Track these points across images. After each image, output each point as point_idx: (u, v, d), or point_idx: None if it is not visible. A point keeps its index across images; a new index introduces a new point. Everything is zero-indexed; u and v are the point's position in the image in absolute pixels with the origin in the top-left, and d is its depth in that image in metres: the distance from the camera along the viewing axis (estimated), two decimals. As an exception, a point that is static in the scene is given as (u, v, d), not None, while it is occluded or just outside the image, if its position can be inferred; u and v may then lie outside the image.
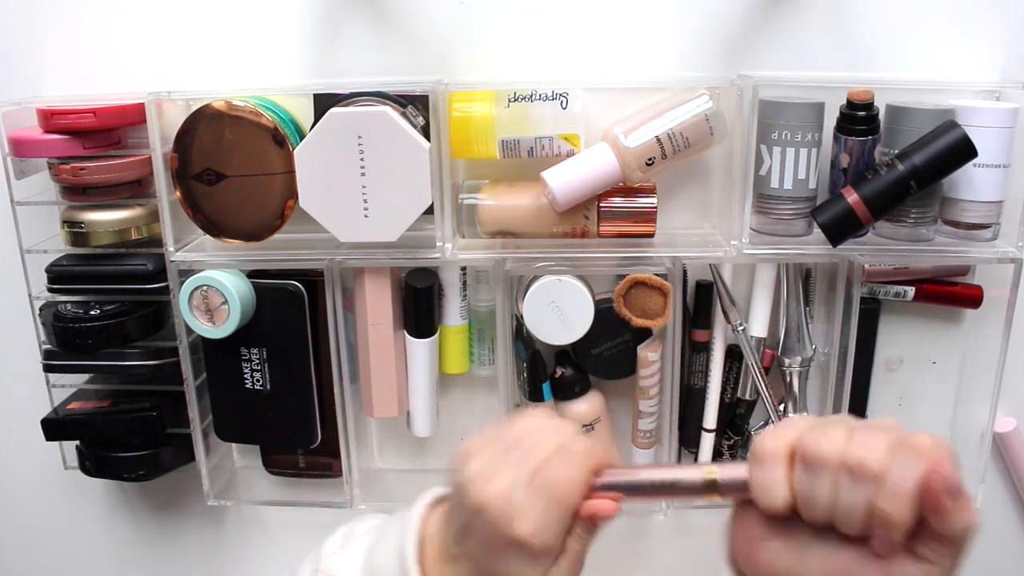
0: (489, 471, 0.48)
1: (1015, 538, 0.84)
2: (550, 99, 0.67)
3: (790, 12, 0.70)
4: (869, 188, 0.65)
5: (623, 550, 0.86)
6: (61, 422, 0.77)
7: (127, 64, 0.74)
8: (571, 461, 0.48)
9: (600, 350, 0.74)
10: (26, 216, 0.75)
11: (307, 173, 0.67)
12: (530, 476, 0.47)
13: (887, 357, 0.78)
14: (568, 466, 0.47)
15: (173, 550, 0.89)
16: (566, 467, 0.47)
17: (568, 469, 0.47)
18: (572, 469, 0.47)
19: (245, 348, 0.75)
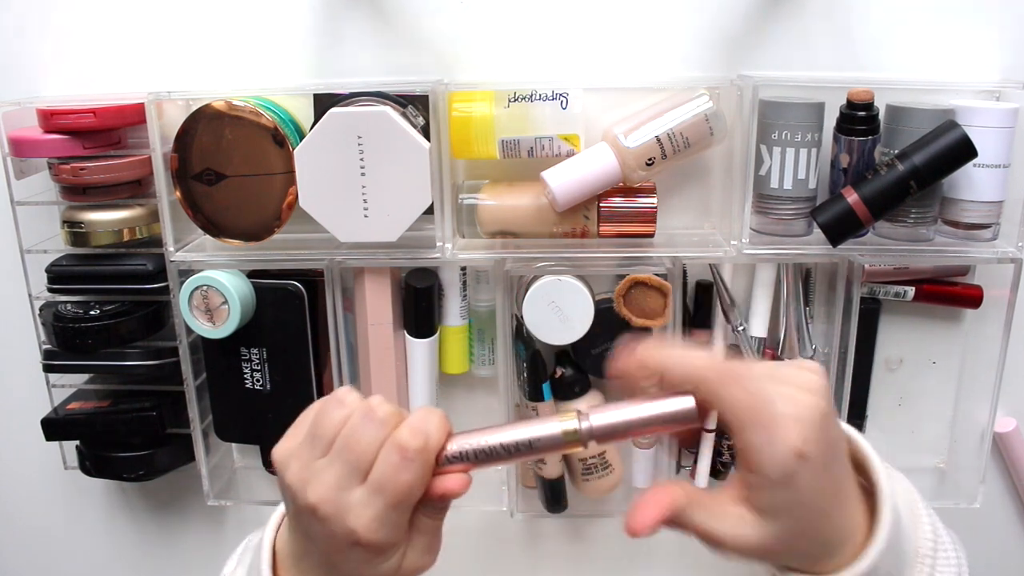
0: (308, 475, 0.46)
1: (1015, 538, 0.84)
2: (550, 99, 0.67)
3: (790, 12, 0.70)
4: (869, 188, 0.65)
5: (623, 550, 0.86)
6: (61, 422, 0.77)
7: (127, 64, 0.74)
8: (404, 457, 0.44)
9: (600, 350, 0.74)
10: (26, 216, 0.75)
11: (307, 173, 0.67)
12: (358, 475, 0.45)
13: (887, 357, 0.78)
14: (402, 465, 0.44)
15: (173, 550, 0.89)
16: (399, 466, 0.44)
17: (403, 470, 0.44)
18: (407, 470, 0.45)
19: (245, 348, 0.75)
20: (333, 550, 0.46)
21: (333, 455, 0.46)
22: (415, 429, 0.45)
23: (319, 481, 0.45)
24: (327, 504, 0.45)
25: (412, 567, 0.48)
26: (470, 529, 0.85)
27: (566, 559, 0.86)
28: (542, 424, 0.46)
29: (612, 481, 0.77)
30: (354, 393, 0.48)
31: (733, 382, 0.43)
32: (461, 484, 0.47)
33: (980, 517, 0.79)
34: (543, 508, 0.79)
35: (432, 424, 0.46)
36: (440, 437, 0.46)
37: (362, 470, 0.45)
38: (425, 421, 0.46)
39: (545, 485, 0.77)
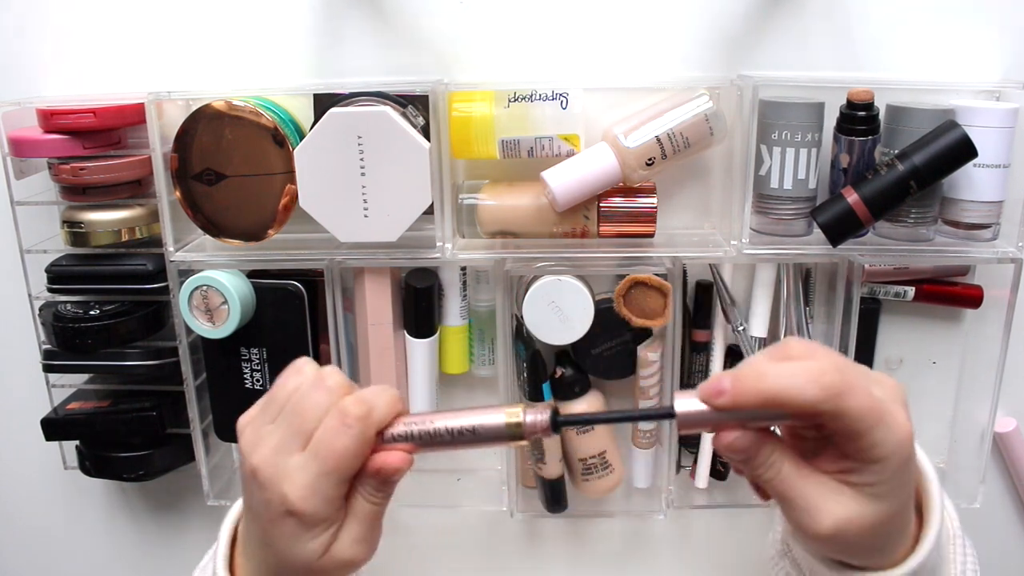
0: (256, 439, 0.46)
1: (1015, 538, 0.84)
2: (550, 99, 0.67)
3: (790, 12, 0.70)
4: (869, 188, 0.65)
5: (623, 550, 0.86)
6: (61, 422, 0.77)
7: (127, 64, 0.74)
8: (343, 423, 0.44)
9: (600, 350, 0.74)
10: (26, 216, 0.75)
11: (307, 173, 0.67)
12: (300, 440, 0.45)
13: (887, 357, 0.78)
14: (340, 430, 0.44)
15: (173, 550, 0.89)
16: (337, 431, 0.44)
17: (340, 434, 0.44)
18: (345, 435, 0.44)
19: (245, 348, 0.75)
20: (268, 521, 0.46)
21: (280, 419, 0.46)
22: (360, 399, 0.45)
23: (263, 444, 0.46)
24: (267, 467, 0.45)
25: (343, 554, 0.47)
26: (470, 529, 0.85)
27: (566, 559, 0.86)
28: (489, 413, 0.46)
29: (612, 481, 0.77)
30: (312, 364, 0.49)
31: (850, 394, 0.42)
32: (398, 461, 0.46)
33: (980, 517, 0.79)
34: (543, 508, 0.79)
35: (380, 399, 0.46)
36: (386, 413, 0.46)
37: (304, 435, 0.45)
38: (373, 395, 0.46)
39: (545, 485, 0.77)
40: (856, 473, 0.43)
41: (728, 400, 0.43)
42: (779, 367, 0.43)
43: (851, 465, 0.43)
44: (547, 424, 0.45)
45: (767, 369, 0.43)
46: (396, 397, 0.47)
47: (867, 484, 0.43)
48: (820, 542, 0.45)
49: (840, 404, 0.42)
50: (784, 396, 0.42)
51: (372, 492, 0.47)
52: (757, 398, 0.42)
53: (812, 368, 0.42)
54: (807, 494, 0.44)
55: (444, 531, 0.85)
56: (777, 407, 0.42)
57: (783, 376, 0.42)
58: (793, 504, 0.44)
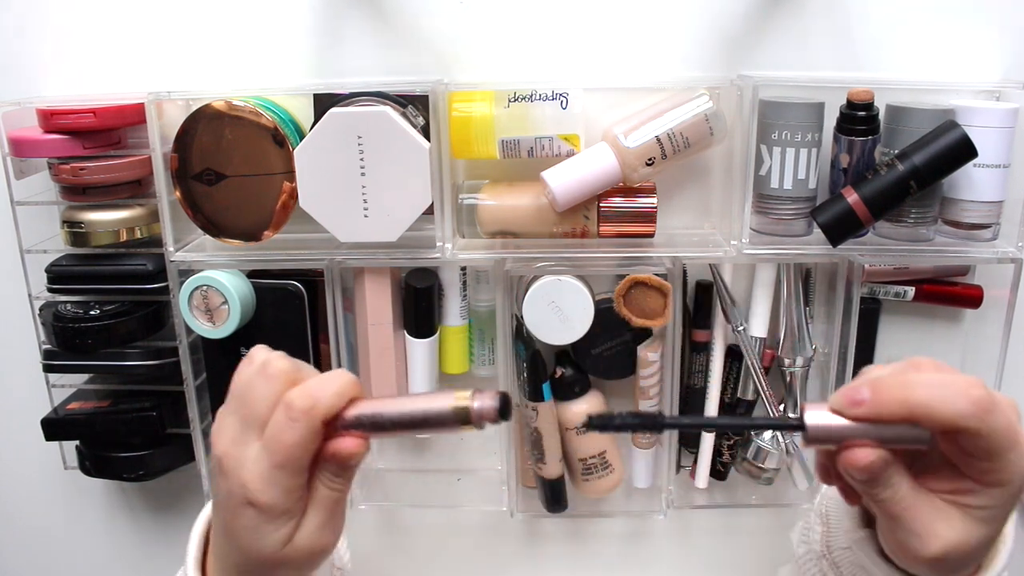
0: (219, 427, 0.47)
1: (1015, 538, 0.84)
2: (550, 99, 0.67)
3: (790, 12, 0.70)
4: (869, 188, 0.65)
5: (623, 550, 0.86)
6: (61, 422, 0.77)
7: (127, 64, 0.74)
8: (288, 416, 0.44)
9: (600, 350, 0.74)
10: (26, 216, 0.75)
11: (307, 173, 0.67)
12: (254, 430, 0.45)
13: (887, 357, 0.78)
14: (286, 424, 0.44)
15: (173, 550, 0.89)
16: (284, 425, 0.44)
17: (286, 428, 0.44)
18: (291, 428, 0.44)
19: (245, 348, 0.75)
20: (230, 511, 0.46)
21: (235, 409, 0.47)
22: (305, 391, 0.45)
23: (224, 434, 0.46)
24: (227, 457, 0.45)
25: (306, 543, 0.46)
26: (470, 529, 0.85)
27: (566, 559, 0.86)
28: (437, 398, 0.45)
29: (612, 481, 0.77)
30: (263, 352, 0.48)
31: (996, 412, 0.41)
32: (353, 446, 0.45)
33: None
34: (543, 508, 0.79)
35: (327, 388, 0.45)
36: (333, 402, 0.45)
37: (257, 425, 0.45)
38: (320, 385, 0.45)
39: (545, 485, 0.77)
40: (972, 495, 0.42)
41: (868, 410, 0.41)
42: (925, 377, 0.41)
43: (969, 487, 0.42)
44: (494, 411, 0.44)
45: (912, 379, 0.41)
46: (348, 383, 0.46)
47: (981, 507, 0.42)
48: (921, 565, 0.43)
49: (986, 422, 0.40)
50: (931, 408, 0.40)
51: (331, 478, 0.47)
52: (901, 409, 0.41)
53: (960, 381, 0.41)
54: (920, 516, 0.42)
55: (444, 531, 0.85)
56: (922, 419, 0.40)
57: (932, 386, 0.40)
58: (903, 525, 0.43)
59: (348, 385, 0.46)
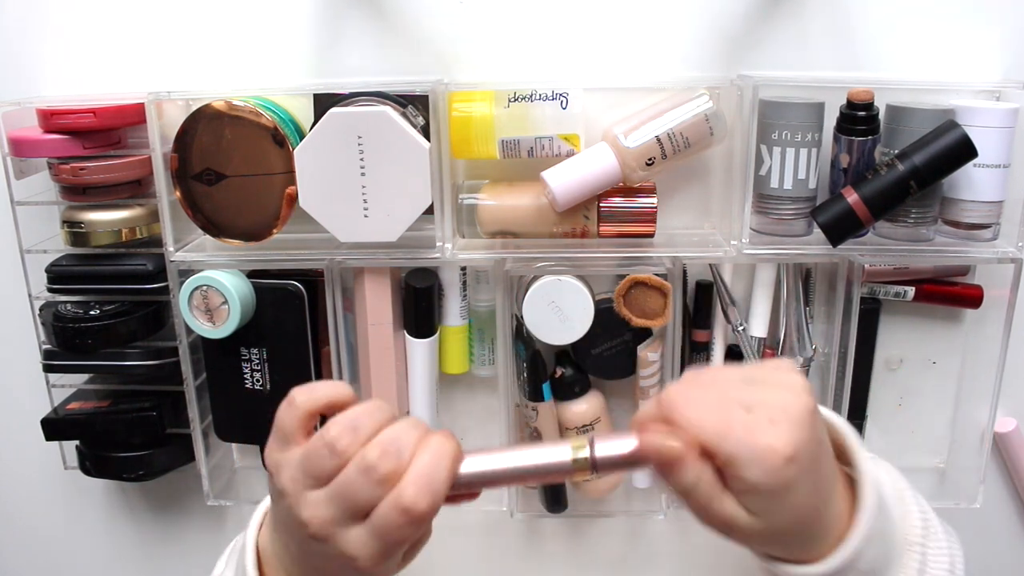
0: (300, 498, 0.44)
1: (1015, 538, 0.84)
2: (550, 99, 0.67)
3: (790, 12, 0.70)
4: (869, 188, 0.65)
5: (623, 550, 0.86)
6: (61, 422, 0.77)
7: (127, 64, 0.74)
8: (408, 519, 0.42)
9: (600, 350, 0.74)
10: (26, 216, 0.75)
11: (307, 173, 0.67)
12: (356, 517, 0.43)
13: (887, 357, 0.78)
14: (405, 526, 0.43)
15: (173, 550, 0.89)
16: (402, 527, 0.43)
17: (404, 528, 0.43)
18: (409, 528, 0.43)
19: (245, 348, 0.75)
20: (327, 565, 0.46)
21: (330, 497, 0.44)
22: (421, 489, 0.43)
23: (315, 511, 0.44)
24: (323, 531, 0.44)
25: (404, 564, 0.48)
26: (470, 529, 0.85)
27: (566, 559, 0.86)
28: (552, 450, 0.45)
29: (612, 481, 0.77)
30: (344, 433, 0.44)
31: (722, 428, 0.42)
32: (469, 501, 0.47)
33: (980, 517, 0.79)
34: (543, 508, 0.79)
35: (439, 478, 0.43)
36: (448, 484, 0.44)
37: (360, 515, 0.44)
38: (432, 476, 0.43)
39: (545, 485, 0.77)
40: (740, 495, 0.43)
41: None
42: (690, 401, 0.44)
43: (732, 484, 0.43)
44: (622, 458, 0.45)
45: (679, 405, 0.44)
46: (453, 458, 0.44)
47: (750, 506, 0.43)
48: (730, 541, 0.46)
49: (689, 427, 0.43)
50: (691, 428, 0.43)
51: None
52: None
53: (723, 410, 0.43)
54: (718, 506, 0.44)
55: (444, 531, 0.85)
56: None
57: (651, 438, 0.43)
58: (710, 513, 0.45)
59: (457, 458, 0.44)
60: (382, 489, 0.43)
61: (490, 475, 0.45)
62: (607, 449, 0.44)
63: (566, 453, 0.44)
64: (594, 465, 0.44)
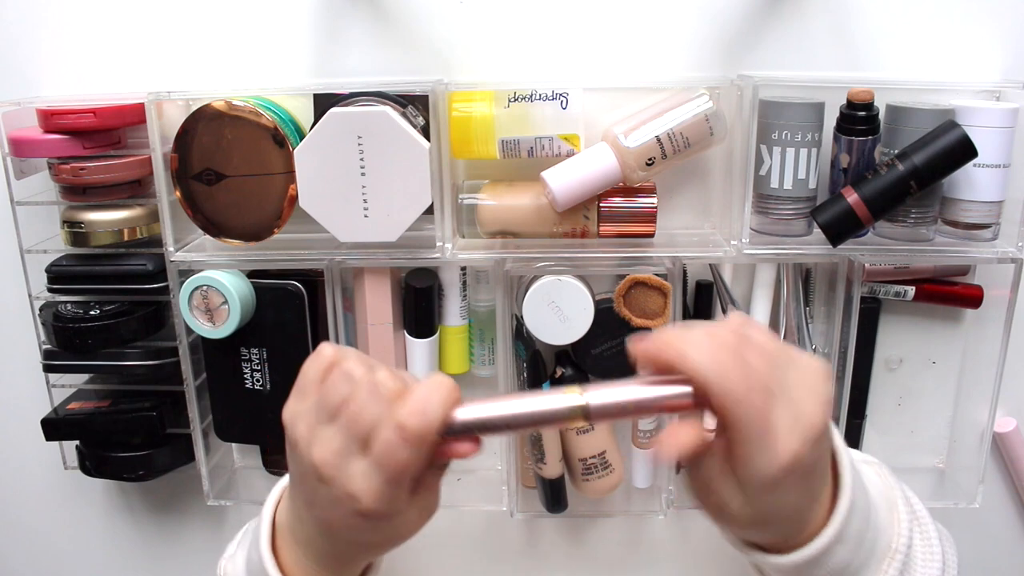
0: (311, 436, 0.46)
1: (1015, 538, 0.84)
2: (550, 99, 0.67)
3: (790, 12, 0.70)
4: (869, 188, 0.65)
5: (623, 550, 0.86)
6: (61, 422, 0.77)
7: (127, 64, 0.74)
8: (403, 438, 0.44)
9: (600, 350, 0.74)
10: (26, 216, 0.75)
11: (307, 173, 0.67)
12: (361, 445, 0.45)
13: (887, 357, 0.78)
14: (401, 445, 0.44)
15: (173, 550, 0.89)
16: (399, 446, 0.44)
17: (402, 449, 0.44)
18: (406, 450, 0.44)
19: (245, 348, 0.75)
20: (334, 514, 0.47)
21: (339, 426, 0.46)
22: (414, 410, 0.44)
23: (322, 444, 0.46)
24: (329, 468, 0.45)
25: (409, 528, 0.48)
26: (470, 529, 0.85)
27: (566, 559, 0.86)
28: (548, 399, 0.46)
29: (612, 481, 0.77)
30: (360, 366, 0.47)
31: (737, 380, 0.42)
32: (470, 450, 0.46)
33: (980, 517, 0.79)
34: (543, 508, 0.79)
35: (434, 403, 0.45)
36: (442, 414, 0.45)
37: (365, 441, 0.45)
38: (427, 400, 0.45)
39: (545, 485, 0.77)
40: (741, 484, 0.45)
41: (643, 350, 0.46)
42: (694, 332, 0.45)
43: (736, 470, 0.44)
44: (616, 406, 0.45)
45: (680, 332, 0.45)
46: (450, 391, 0.46)
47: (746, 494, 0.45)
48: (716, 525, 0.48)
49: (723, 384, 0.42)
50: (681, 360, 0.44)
51: (436, 472, 0.48)
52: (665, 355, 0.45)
53: (718, 342, 0.44)
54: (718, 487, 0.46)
55: (444, 531, 0.85)
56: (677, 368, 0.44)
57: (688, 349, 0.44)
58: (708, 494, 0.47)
59: (453, 394, 0.46)
60: (386, 409, 0.45)
61: (487, 420, 0.46)
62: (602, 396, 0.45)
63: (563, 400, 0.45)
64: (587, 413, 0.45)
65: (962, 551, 0.53)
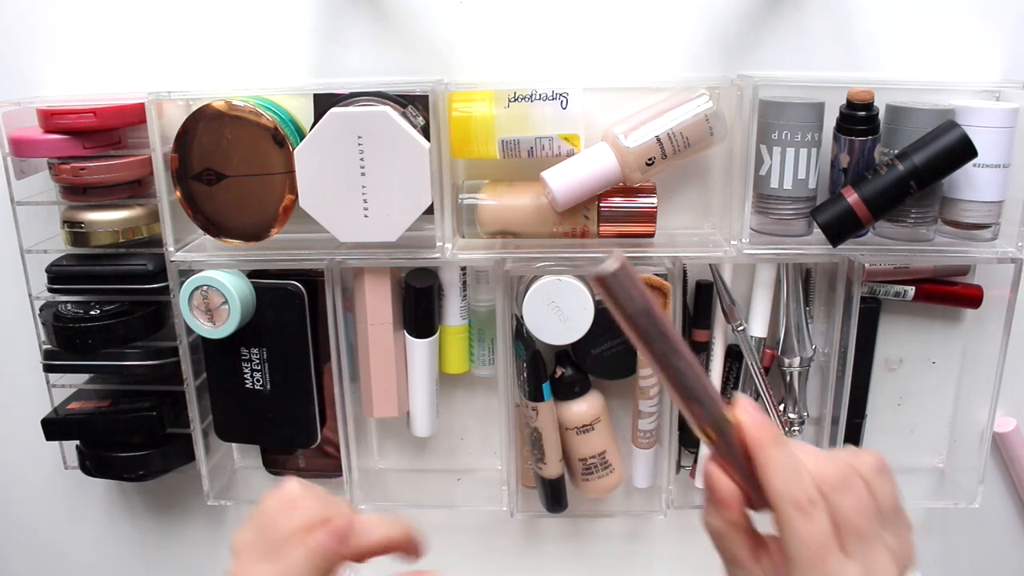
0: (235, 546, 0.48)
1: (1015, 538, 0.84)
2: (550, 99, 0.67)
3: (790, 12, 0.70)
4: (869, 188, 0.65)
5: (623, 550, 0.86)
6: (61, 422, 0.77)
7: (127, 64, 0.74)
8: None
9: (600, 350, 0.74)
10: (26, 216, 0.75)
11: (307, 173, 0.67)
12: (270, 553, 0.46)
13: (887, 357, 0.78)
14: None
15: (173, 550, 0.89)
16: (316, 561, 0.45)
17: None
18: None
19: (245, 348, 0.75)
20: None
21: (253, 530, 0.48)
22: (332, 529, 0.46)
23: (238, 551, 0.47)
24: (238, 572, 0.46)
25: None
26: (470, 529, 0.85)
27: (566, 559, 0.86)
28: None
29: (612, 481, 0.77)
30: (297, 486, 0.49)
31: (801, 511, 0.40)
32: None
33: (980, 517, 0.80)
34: (543, 508, 0.79)
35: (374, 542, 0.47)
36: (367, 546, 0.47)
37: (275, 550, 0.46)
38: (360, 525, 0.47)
39: (545, 485, 0.77)
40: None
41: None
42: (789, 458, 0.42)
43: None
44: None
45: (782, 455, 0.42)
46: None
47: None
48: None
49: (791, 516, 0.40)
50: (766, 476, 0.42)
51: None
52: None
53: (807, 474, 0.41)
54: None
55: (444, 531, 0.85)
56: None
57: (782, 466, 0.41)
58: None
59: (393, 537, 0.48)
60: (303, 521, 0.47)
61: None
62: None
63: None
64: None
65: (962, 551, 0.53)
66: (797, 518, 0.40)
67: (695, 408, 0.42)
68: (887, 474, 0.43)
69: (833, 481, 0.41)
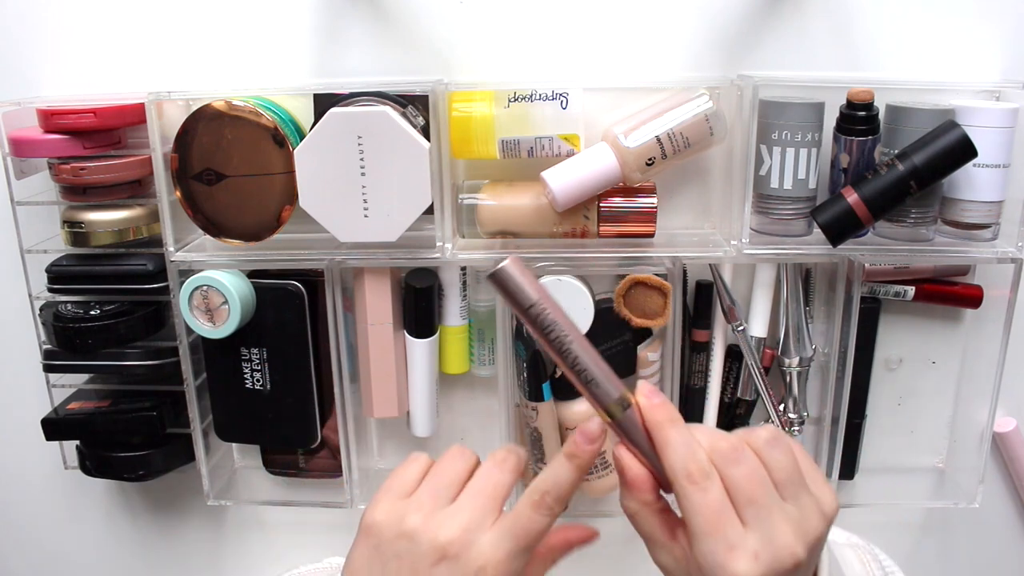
0: (434, 521, 0.48)
1: (1015, 538, 0.84)
2: (550, 99, 0.67)
3: (790, 12, 0.70)
4: (869, 188, 0.65)
5: (623, 550, 0.86)
6: (61, 422, 0.77)
7: (127, 64, 0.74)
8: (540, 506, 0.48)
9: (600, 350, 0.73)
10: (26, 216, 0.75)
11: (307, 173, 0.67)
12: (491, 518, 0.48)
13: (887, 357, 0.78)
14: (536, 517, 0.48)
15: (173, 550, 0.89)
16: (538, 515, 0.48)
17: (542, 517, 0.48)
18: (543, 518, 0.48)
19: (245, 348, 0.75)
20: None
21: (462, 500, 0.49)
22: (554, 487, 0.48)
23: (448, 524, 0.47)
24: (458, 545, 0.47)
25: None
26: (470, 529, 0.85)
27: (566, 559, 0.86)
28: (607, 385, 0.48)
29: (612, 481, 0.77)
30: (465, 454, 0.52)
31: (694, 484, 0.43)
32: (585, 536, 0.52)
33: (980, 517, 0.80)
34: (543, 508, 0.79)
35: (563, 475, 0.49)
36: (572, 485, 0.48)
37: (494, 513, 0.48)
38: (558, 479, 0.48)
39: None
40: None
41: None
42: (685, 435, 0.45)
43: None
44: None
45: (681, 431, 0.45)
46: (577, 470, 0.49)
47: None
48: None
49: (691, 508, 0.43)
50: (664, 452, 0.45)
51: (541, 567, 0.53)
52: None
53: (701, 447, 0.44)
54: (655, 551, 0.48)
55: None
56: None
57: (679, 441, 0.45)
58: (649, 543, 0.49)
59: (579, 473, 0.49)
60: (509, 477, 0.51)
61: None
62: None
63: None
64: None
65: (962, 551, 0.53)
66: (692, 491, 0.43)
67: (594, 392, 0.47)
68: (782, 446, 0.45)
69: (725, 454, 0.44)
